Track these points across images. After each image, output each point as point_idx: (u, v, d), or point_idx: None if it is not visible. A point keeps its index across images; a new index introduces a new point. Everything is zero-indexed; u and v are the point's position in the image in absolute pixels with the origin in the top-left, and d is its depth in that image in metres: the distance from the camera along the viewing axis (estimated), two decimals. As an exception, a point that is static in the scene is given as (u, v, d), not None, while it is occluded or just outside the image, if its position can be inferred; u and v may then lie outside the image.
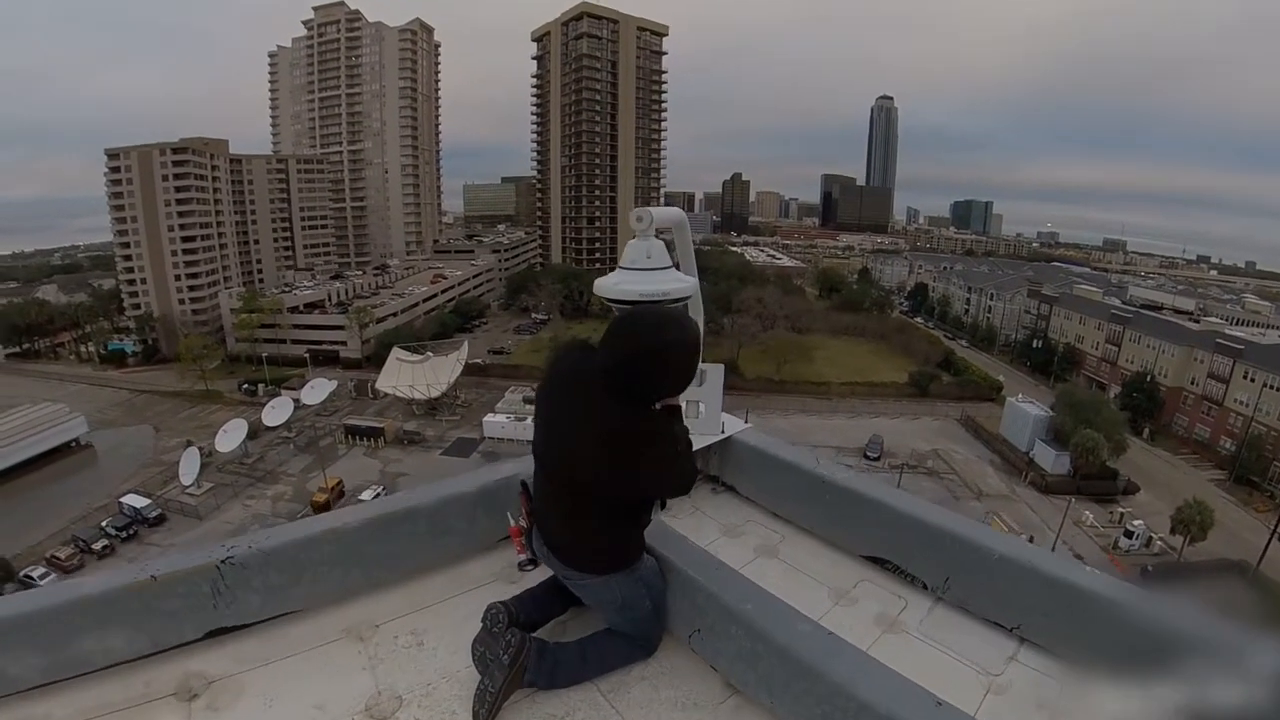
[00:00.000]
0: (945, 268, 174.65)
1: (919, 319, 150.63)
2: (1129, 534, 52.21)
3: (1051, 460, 63.09)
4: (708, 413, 4.39)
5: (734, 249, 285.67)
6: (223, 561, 3.03)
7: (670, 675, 2.93)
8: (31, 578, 46.76)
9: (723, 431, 4.30)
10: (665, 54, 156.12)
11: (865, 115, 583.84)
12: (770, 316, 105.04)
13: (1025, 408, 70.11)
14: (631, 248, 3.28)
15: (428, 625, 3.24)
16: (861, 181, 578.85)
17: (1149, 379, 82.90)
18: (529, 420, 35.72)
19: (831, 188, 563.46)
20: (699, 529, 4.04)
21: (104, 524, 53.90)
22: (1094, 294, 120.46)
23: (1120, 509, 56.80)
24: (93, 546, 50.99)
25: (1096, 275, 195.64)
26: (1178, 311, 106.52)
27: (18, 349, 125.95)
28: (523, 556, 3.10)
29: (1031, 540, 48.69)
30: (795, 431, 72.37)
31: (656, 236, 3.36)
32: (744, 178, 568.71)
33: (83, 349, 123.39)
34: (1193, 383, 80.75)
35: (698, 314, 4.51)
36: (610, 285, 3.22)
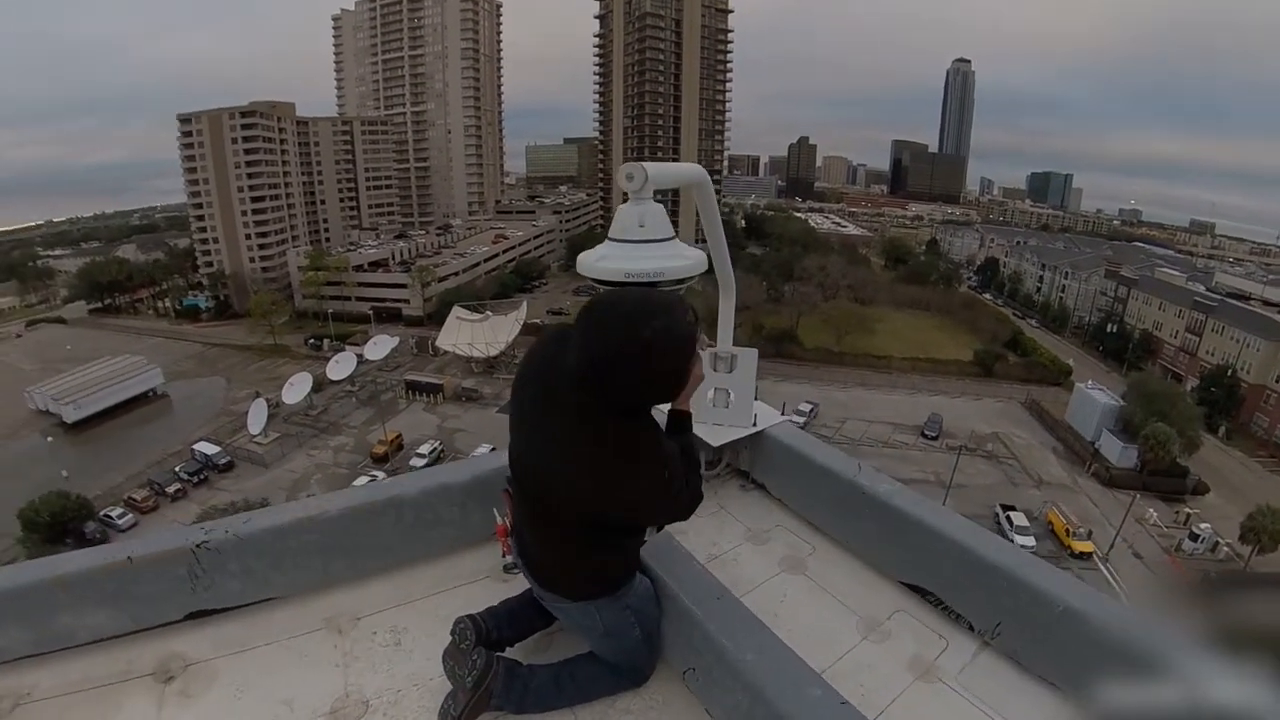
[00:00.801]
0: (1018, 242, 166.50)
1: (988, 295, 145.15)
2: (1194, 537, 49.10)
3: (1118, 452, 59.74)
4: (738, 402, 3.95)
5: (798, 215, 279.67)
6: (198, 546, 2.95)
7: (660, 711, 2.59)
8: (110, 517, 50.40)
9: (755, 424, 3.78)
10: (731, 12, 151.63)
11: (940, 79, 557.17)
12: (832, 285, 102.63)
13: (1094, 395, 66.48)
14: (622, 214, 2.68)
15: (409, 623, 3.09)
16: (934, 149, 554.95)
17: (1230, 373, 77.79)
18: None
19: (902, 154, 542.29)
20: (721, 530, 3.66)
21: (177, 469, 57.24)
22: (1176, 278, 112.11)
23: (1187, 509, 53.44)
24: (166, 490, 54.29)
25: (1180, 258, 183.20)
26: (1267, 303, 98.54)
27: (100, 305, 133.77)
28: (509, 558, 2.83)
29: (1090, 535, 46.83)
30: (853, 405, 70.94)
31: (660, 199, 2.82)
32: (810, 141, 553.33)
33: (159, 305, 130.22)
34: (1278, 381, 75.29)
35: (727, 293, 4.04)
36: (592, 262, 2.69)
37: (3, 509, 49.33)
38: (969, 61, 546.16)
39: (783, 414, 4.14)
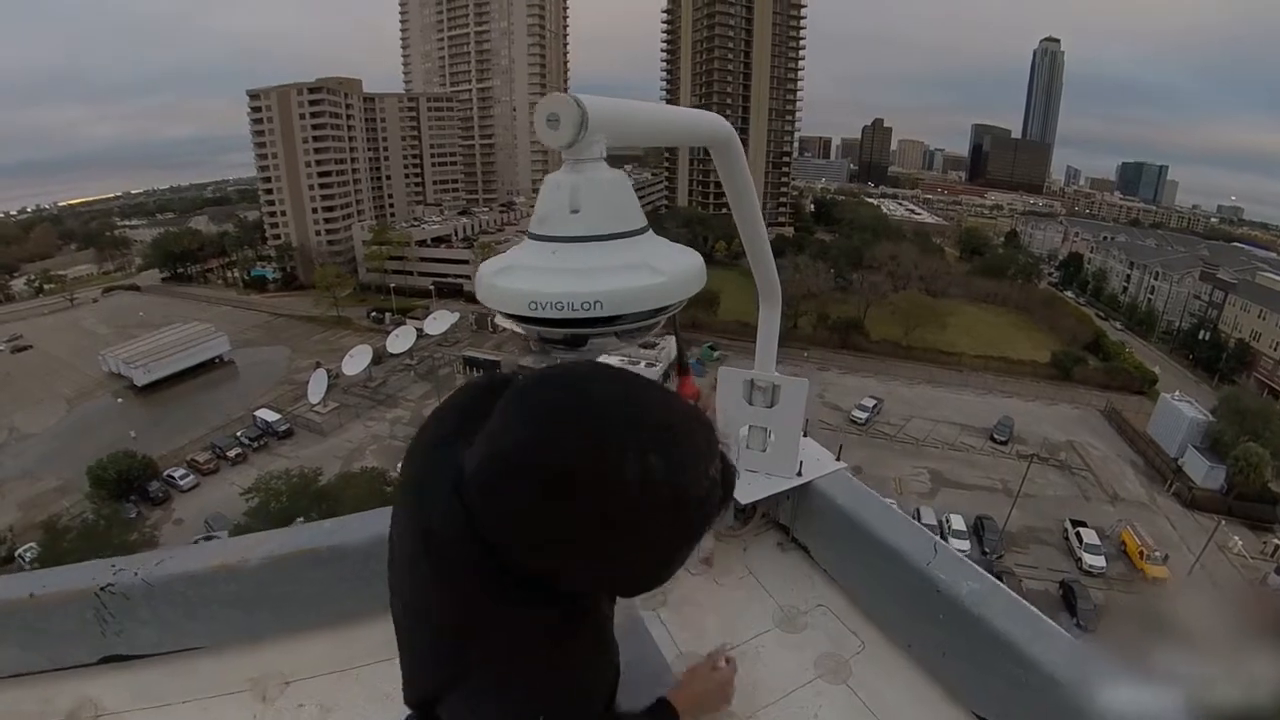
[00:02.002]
0: (1105, 238, 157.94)
1: (1069, 293, 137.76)
2: (1282, 571, 45.61)
3: (1204, 472, 55.55)
4: (779, 445, 3.11)
5: (870, 200, 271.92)
6: (102, 589, 2.62)
7: None
8: (173, 477, 53.23)
9: (800, 474, 3.00)
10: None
11: (1026, 59, 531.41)
12: (903, 275, 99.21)
13: (1180, 407, 62.07)
14: (546, 190, 1.43)
15: (340, 696, 2.64)
16: (1017, 134, 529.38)
17: None
18: (642, 364, 34.24)
19: (982, 139, 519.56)
20: (748, 604, 2.87)
21: (239, 434, 59.92)
22: None
23: (1276, 540, 49.66)
24: (228, 454, 56.82)
25: None
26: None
27: (172, 273, 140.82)
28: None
29: (1166, 560, 43.62)
30: (919, 402, 68.53)
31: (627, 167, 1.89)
32: (885, 124, 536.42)
33: (228, 275, 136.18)
34: (1394, 405, 68.68)
35: (770, 302, 3.24)
36: (489, 278, 1.41)
37: (75, 465, 52.91)
38: (1058, 41, 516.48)
39: (827, 457, 3.26)
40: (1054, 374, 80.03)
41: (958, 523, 45.50)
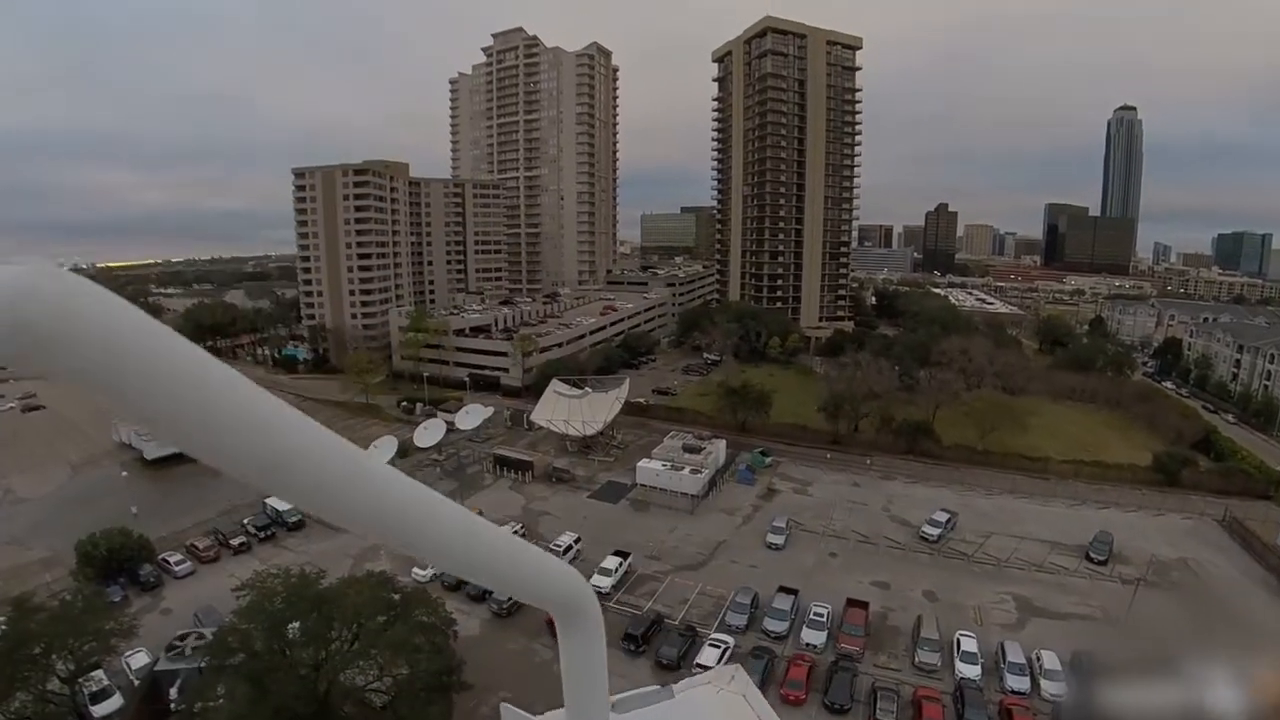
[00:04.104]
0: (1206, 319, 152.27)
1: (1169, 384, 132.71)
2: None
3: (1361, 590, 50.34)
4: None
5: (936, 290, 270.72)
6: None
7: None
8: (169, 562, 52.71)
9: None
10: (858, 69, 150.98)
11: (1100, 131, 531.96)
12: (977, 372, 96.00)
13: (1322, 514, 56.98)
14: None
15: None
16: (1095, 211, 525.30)
17: None
18: (686, 470, 44.17)
19: (1057, 219, 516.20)
20: None
21: (245, 521, 59.52)
22: None
23: None
24: (231, 542, 56.31)
25: None
26: None
27: (202, 347, 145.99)
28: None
29: None
30: (1000, 516, 64.25)
31: None
32: (950, 208, 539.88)
33: (259, 352, 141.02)
34: None
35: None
36: None
37: (67, 537, 52.83)
38: (1134, 109, 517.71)
39: None
40: (1158, 479, 74.48)
41: (1051, 660, 41.12)
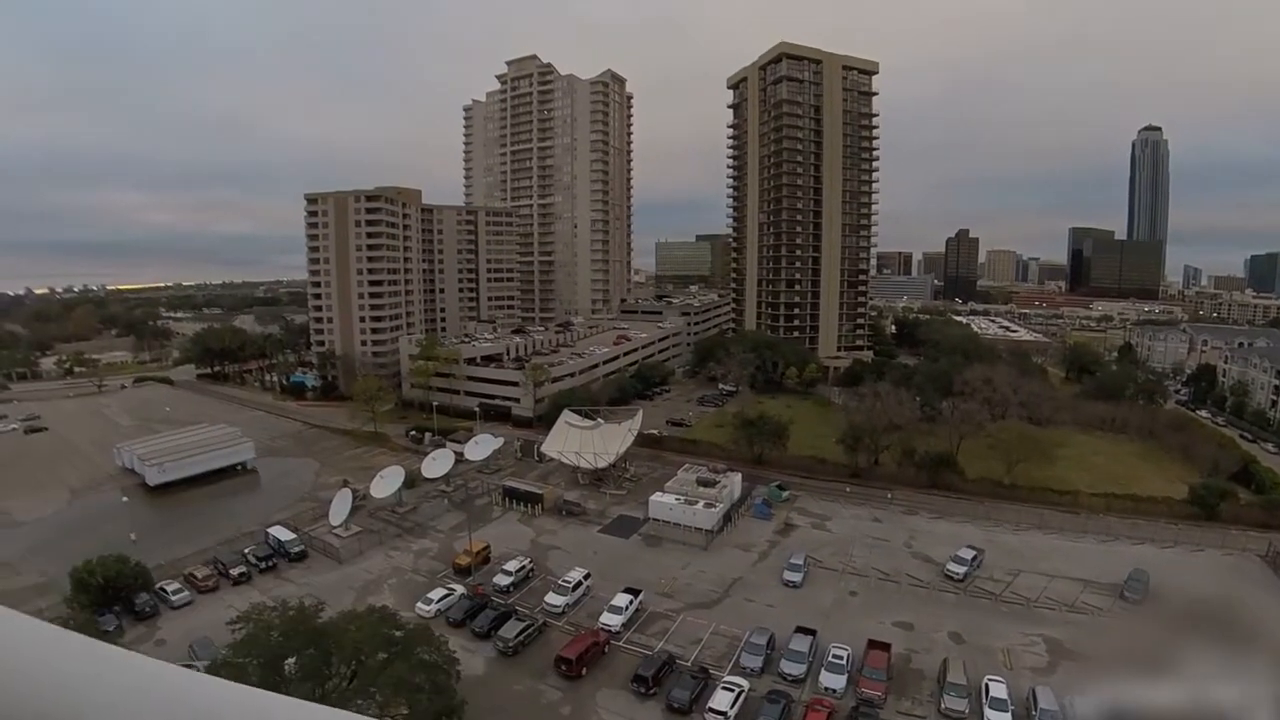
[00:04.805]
0: (1242, 344, 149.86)
1: (1203, 412, 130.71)
2: None
3: None
4: None
5: (958, 318, 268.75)
6: None
7: None
8: (165, 591, 52.18)
9: None
10: (875, 94, 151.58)
11: (1125, 153, 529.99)
12: (1001, 402, 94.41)
13: (1372, 551, 55.04)
14: None
15: None
16: (1121, 235, 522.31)
17: None
18: (700, 504, 43.60)
19: (1082, 244, 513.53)
20: None
21: (247, 551, 59.08)
22: None
23: None
24: (231, 572, 55.67)
25: None
26: None
27: (209, 371, 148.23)
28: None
29: None
30: (1028, 553, 62.60)
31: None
32: (971, 234, 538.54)
33: (267, 378, 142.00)
34: None
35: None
36: None
37: (62, 562, 52.77)
38: (1159, 129, 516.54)
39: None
40: (1195, 513, 72.40)
41: (1085, 708, 39.58)
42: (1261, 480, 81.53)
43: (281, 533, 61.72)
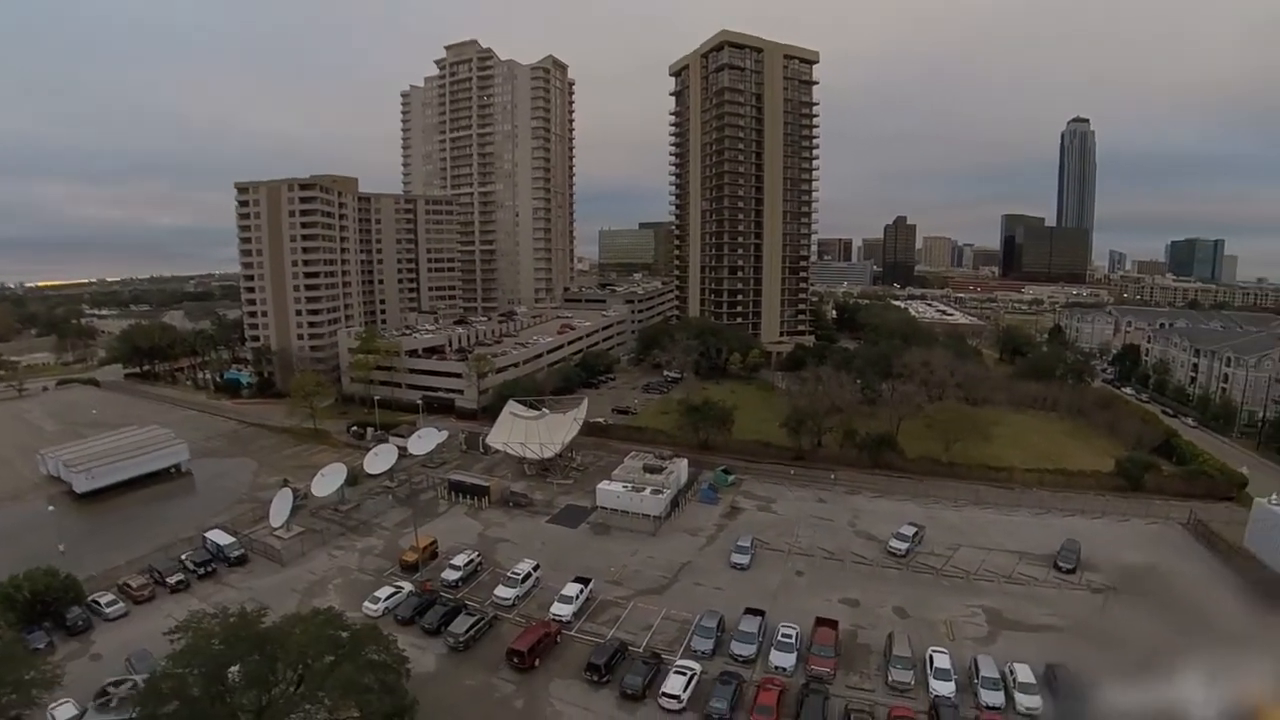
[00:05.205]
0: (1163, 324, 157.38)
1: (1128, 390, 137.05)
2: None
3: (1327, 588, 51.51)
4: None
5: (897, 303, 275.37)
6: None
7: None
8: (98, 604, 49.50)
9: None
10: (816, 84, 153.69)
11: (1054, 143, 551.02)
12: (939, 384, 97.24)
13: (1282, 513, 58.48)
14: None
15: None
16: (1051, 222, 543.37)
17: None
18: (647, 491, 40.20)
19: (1014, 231, 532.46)
20: None
21: (184, 557, 56.76)
22: None
23: None
24: (167, 580, 53.38)
25: None
26: None
27: (138, 370, 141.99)
28: None
29: None
30: (966, 528, 64.78)
31: None
32: (909, 221, 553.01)
33: (200, 376, 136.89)
34: None
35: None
36: None
37: None
38: (1087, 121, 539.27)
39: None
40: (1121, 485, 76.22)
41: (1024, 674, 40.97)
42: (1182, 453, 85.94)
43: (220, 536, 59.34)
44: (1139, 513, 70.21)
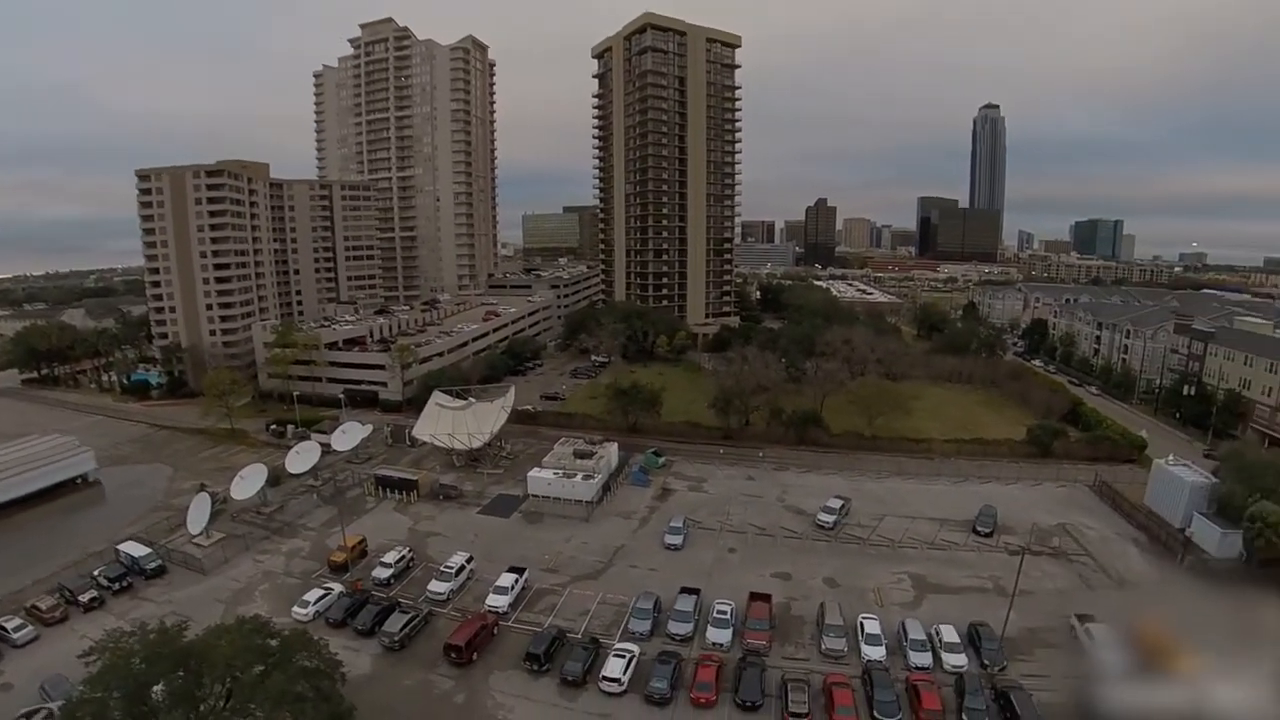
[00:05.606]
0: (1068, 300, 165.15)
1: (1037, 362, 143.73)
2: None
3: (1217, 540, 55.33)
4: None
5: (819, 283, 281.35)
6: None
7: None
8: (4, 629, 45.75)
9: None
10: (738, 67, 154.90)
11: (968, 129, 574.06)
12: (860, 360, 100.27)
13: (1178, 472, 62.45)
14: None
15: None
16: (964, 204, 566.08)
17: None
18: (579, 477, 39.77)
19: (930, 212, 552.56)
20: None
21: (97, 573, 53.12)
22: (1262, 326, 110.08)
23: None
24: (80, 598, 49.86)
25: (1261, 303, 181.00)
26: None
27: (36, 374, 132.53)
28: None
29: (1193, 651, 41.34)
30: (890, 499, 67.21)
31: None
32: (829, 203, 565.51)
33: (105, 378, 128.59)
34: None
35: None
36: None
37: None
38: (997, 107, 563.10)
39: None
40: (1033, 451, 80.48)
41: (949, 634, 43.07)
42: (1087, 419, 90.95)
43: (134, 548, 55.94)
44: (1050, 477, 74.51)
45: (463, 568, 52.22)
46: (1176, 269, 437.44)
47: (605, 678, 38.92)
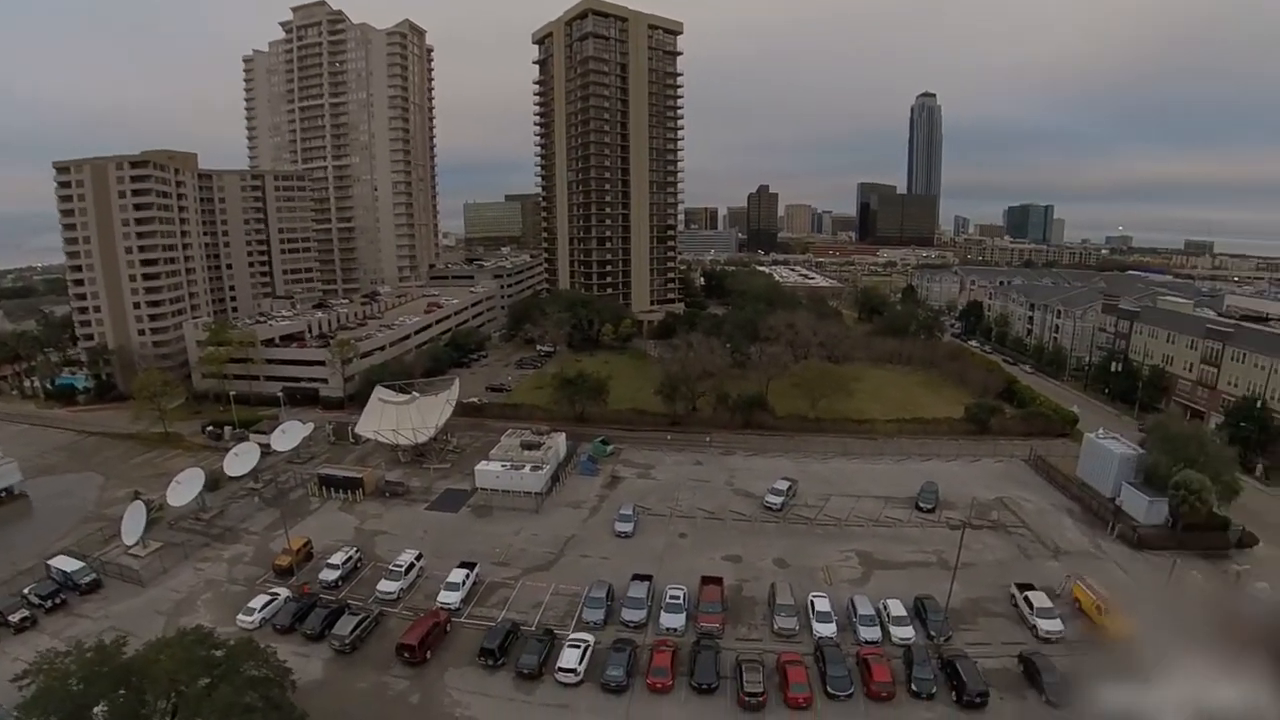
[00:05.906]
0: (1002, 282, 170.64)
1: (974, 342, 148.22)
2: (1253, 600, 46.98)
3: (1144, 508, 58.27)
4: None
5: (761, 269, 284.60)
6: None
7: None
8: None
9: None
10: (680, 54, 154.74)
11: (905, 116, 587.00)
12: (803, 344, 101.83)
13: (1107, 445, 65.45)
14: None
15: None
16: (902, 190, 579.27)
17: (1259, 405, 77.54)
18: (527, 468, 38.89)
19: (869, 198, 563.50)
20: None
21: (26, 591, 50.42)
22: (1183, 306, 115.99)
23: (1235, 566, 51.62)
24: (9, 618, 47.05)
25: (1181, 283, 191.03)
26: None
27: None
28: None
29: (1124, 612, 43.73)
30: (835, 479, 68.72)
31: None
32: (771, 190, 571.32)
33: (26, 384, 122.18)
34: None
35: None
36: None
37: None
38: (934, 95, 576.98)
39: None
40: (971, 429, 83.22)
41: (896, 608, 44.56)
42: (1022, 397, 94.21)
43: (66, 563, 53.18)
44: (988, 453, 77.35)
45: (412, 565, 51.48)
46: (1104, 251, 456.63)
47: (561, 669, 38.97)
